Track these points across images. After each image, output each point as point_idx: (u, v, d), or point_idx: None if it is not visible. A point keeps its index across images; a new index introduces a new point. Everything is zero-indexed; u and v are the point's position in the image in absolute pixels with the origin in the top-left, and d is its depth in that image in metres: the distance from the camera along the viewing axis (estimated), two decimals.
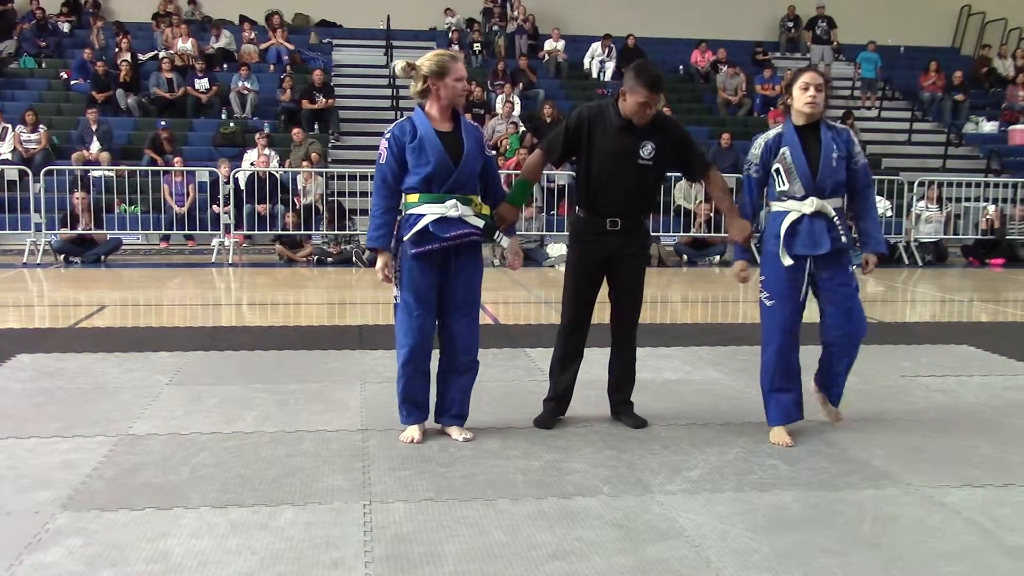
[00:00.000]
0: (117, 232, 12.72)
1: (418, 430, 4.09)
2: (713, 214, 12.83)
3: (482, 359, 4.24)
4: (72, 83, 16.82)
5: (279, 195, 12.90)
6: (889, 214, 13.29)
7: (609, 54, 18.81)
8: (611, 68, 18.50)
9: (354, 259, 11.86)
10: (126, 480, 3.56)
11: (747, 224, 4.20)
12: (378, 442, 4.06)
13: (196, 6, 20.05)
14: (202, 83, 16.32)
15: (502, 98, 16.08)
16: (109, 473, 3.64)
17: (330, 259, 12.03)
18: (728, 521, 3.22)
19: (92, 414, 4.47)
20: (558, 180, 13.47)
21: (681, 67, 19.34)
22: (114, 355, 5.82)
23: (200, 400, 4.74)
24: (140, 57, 17.15)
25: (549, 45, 19.16)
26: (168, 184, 13.23)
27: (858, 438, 4.20)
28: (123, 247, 12.69)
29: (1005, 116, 18.67)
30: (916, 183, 13.87)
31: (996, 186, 14.56)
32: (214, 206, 12.93)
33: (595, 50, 18.97)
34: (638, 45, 18.00)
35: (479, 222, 4.02)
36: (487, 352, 5.09)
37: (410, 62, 4.03)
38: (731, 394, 5.03)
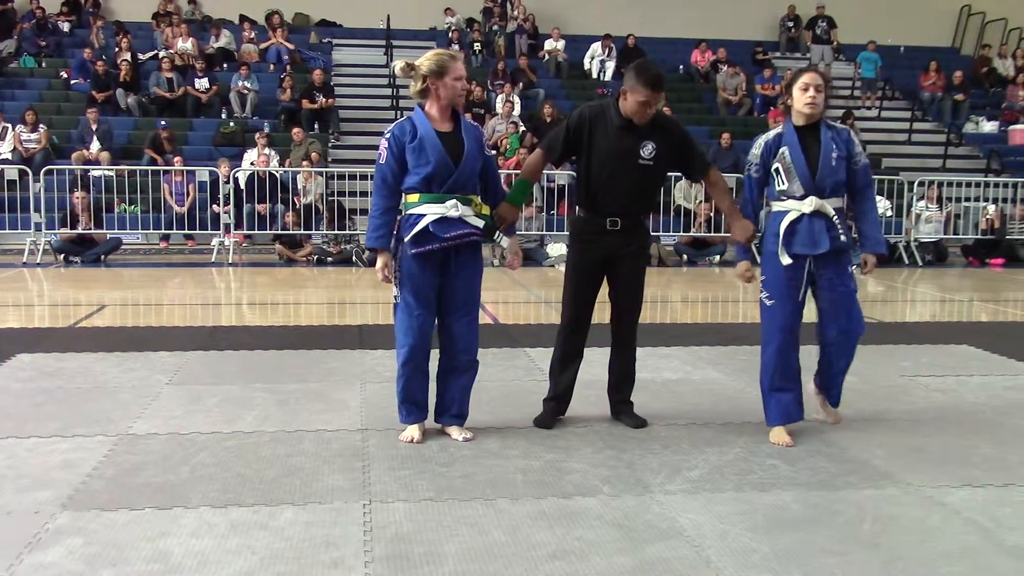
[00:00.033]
0: (117, 232, 12.73)
1: (418, 430, 4.09)
2: (713, 214, 12.83)
3: (482, 359, 4.25)
4: (72, 83, 16.83)
5: (279, 195, 12.90)
6: (889, 214, 13.28)
7: (609, 54, 18.80)
8: (611, 68, 18.51)
9: (354, 259, 11.86)
10: (126, 480, 3.56)
11: (750, 224, 4.20)
12: (378, 442, 4.06)
13: (196, 6, 20.04)
14: (202, 83, 16.32)
15: (502, 98, 16.08)
16: (109, 473, 3.64)
17: (330, 259, 12.03)
18: (728, 521, 3.21)
19: (92, 414, 4.47)
20: (558, 180, 13.47)
21: (681, 67, 19.33)
22: (114, 355, 5.82)
23: (200, 400, 4.74)
24: (140, 57, 17.15)
25: (549, 45, 19.16)
26: (168, 184, 13.23)
27: (858, 438, 4.20)
28: (123, 247, 12.69)
29: (1005, 116, 18.68)
30: (916, 183, 13.88)
31: (996, 186, 14.56)
32: (214, 206, 12.93)
33: (595, 50, 18.96)
34: (638, 45, 17.98)
35: (479, 222, 4.02)
36: (487, 352, 5.09)
37: (409, 62, 4.02)
38: (731, 394, 5.02)
